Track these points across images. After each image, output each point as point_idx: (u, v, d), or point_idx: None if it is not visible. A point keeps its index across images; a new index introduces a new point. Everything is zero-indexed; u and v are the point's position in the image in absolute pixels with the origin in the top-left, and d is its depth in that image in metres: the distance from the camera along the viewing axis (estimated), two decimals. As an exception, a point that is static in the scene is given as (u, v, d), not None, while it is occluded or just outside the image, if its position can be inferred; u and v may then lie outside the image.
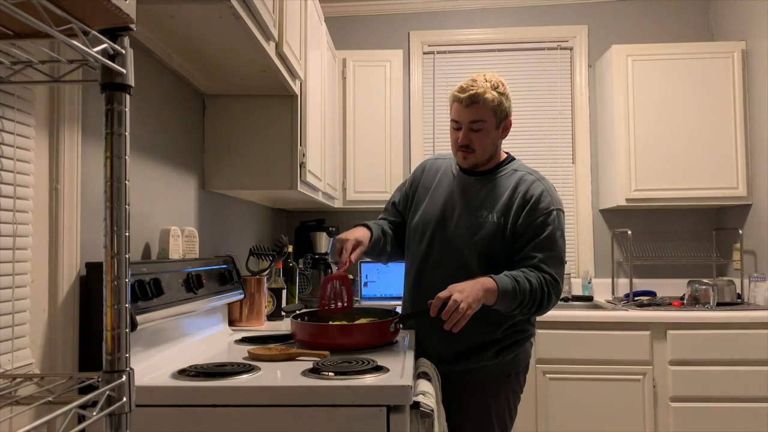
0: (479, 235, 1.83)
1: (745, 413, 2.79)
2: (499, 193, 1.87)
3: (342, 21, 3.77)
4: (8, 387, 0.87)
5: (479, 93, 1.82)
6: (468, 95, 1.83)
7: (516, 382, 1.92)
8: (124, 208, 0.80)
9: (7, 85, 1.09)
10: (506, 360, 1.86)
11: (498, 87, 1.85)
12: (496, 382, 1.87)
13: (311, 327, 1.72)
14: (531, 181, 1.88)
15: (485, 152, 1.89)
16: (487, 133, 1.86)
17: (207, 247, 2.20)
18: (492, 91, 1.83)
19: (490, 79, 1.86)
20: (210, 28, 1.56)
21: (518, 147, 3.73)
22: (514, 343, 1.88)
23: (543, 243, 1.81)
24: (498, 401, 1.87)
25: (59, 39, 0.67)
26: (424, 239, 1.93)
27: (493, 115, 1.84)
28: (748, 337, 2.81)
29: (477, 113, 1.83)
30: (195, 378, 1.29)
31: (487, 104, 1.82)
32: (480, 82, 1.84)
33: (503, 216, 1.84)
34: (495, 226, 1.83)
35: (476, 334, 1.81)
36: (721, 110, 3.26)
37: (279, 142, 2.20)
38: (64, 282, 1.27)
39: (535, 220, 1.82)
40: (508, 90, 1.89)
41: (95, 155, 1.41)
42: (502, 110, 1.86)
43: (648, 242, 3.58)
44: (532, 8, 3.75)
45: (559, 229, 1.85)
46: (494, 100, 1.82)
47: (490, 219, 1.84)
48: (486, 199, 1.88)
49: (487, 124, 1.85)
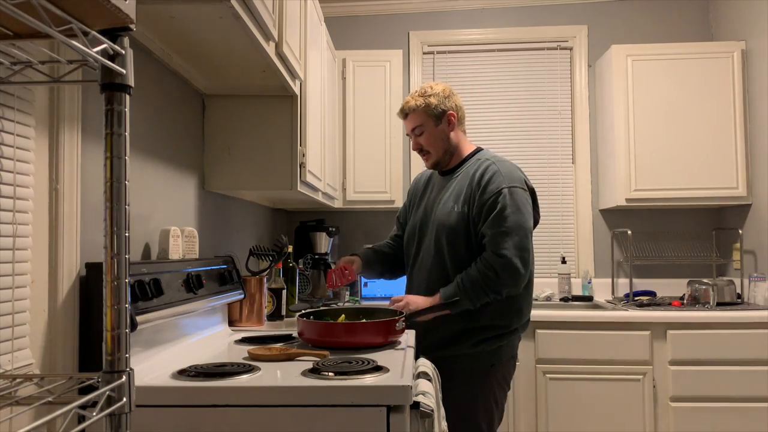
0: (449, 226, 1.98)
1: (745, 413, 2.79)
2: (463, 184, 2.02)
3: (342, 21, 3.77)
4: (8, 387, 0.87)
5: (406, 104, 2.08)
6: (400, 110, 2.11)
7: (500, 375, 1.99)
8: (124, 209, 0.80)
9: (7, 85, 1.09)
10: (487, 350, 1.96)
11: (425, 92, 2.07)
12: (479, 372, 1.96)
13: (319, 325, 1.74)
14: (487, 165, 2.01)
15: (438, 149, 2.08)
16: (430, 133, 2.06)
17: (207, 247, 2.20)
18: (417, 98, 2.06)
19: (420, 88, 2.11)
20: (210, 28, 1.56)
21: (518, 147, 3.73)
22: (495, 336, 1.97)
23: (493, 221, 1.92)
24: (483, 391, 1.96)
25: (59, 39, 0.67)
26: (414, 241, 2.12)
27: (426, 116, 2.05)
28: (748, 337, 2.81)
29: (412, 121, 2.07)
30: (195, 378, 1.29)
31: (415, 110, 2.05)
32: (409, 96, 2.11)
33: (466, 204, 1.98)
34: (459, 216, 1.98)
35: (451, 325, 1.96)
36: (721, 110, 3.26)
37: (279, 143, 2.20)
38: (64, 282, 1.27)
39: (486, 201, 1.94)
40: (441, 90, 2.08)
41: (95, 155, 1.40)
42: (433, 109, 2.05)
43: (648, 242, 3.58)
44: (532, 8, 3.75)
45: (510, 205, 1.92)
46: (420, 105, 2.05)
47: (455, 210, 1.99)
48: (453, 191, 2.04)
49: (426, 126, 2.06)
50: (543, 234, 3.62)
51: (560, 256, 3.57)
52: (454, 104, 2.08)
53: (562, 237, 3.70)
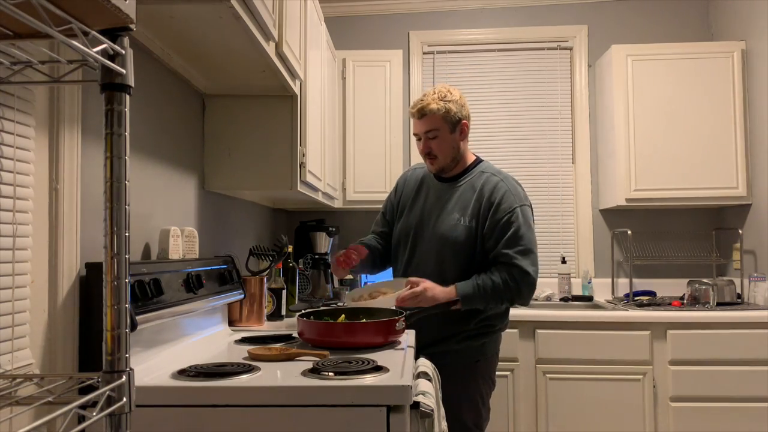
0: (454, 238, 2.01)
1: (745, 413, 2.79)
2: (469, 197, 2.05)
3: (342, 21, 3.77)
4: (8, 387, 0.87)
5: (426, 105, 2.03)
6: (417, 109, 2.06)
7: (485, 370, 2.05)
8: (124, 208, 0.80)
9: (7, 85, 1.09)
10: (473, 346, 2.02)
11: (445, 96, 2.04)
12: (465, 368, 2.01)
13: (319, 325, 1.74)
14: (495, 183, 2.04)
15: (447, 156, 2.08)
16: (443, 139, 2.05)
17: (207, 247, 2.20)
18: (438, 102, 2.03)
19: (438, 90, 2.07)
20: (210, 28, 1.56)
21: (518, 147, 3.73)
22: (479, 334, 2.03)
23: (510, 240, 1.96)
24: (468, 388, 2.00)
25: (59, 39, 0.67)
26: (407, 244, 2.12)
27: (444, 122, 2.04)
28: (748, 337, 2.81)
29: (428, 123, 2.04)
30: (195, 378, 1.29)
31: (435, 114, 2.03)
32: (428, 95, 2.07)
33: (474, 219, 2.02)
34: (467, 230, 2.01)
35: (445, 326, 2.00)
36: (720, 110, 3.26)
37: (279, 143, 2.20)
38: (64, 282, 1.27)
39: (500, 220, 1.98)
40: (458, 96, 2.07)
41: (95, 155, 1.40)
42: (452, 116, 2.04)
43: (648, 242, 3.58)
44: (532, 8, 3.75)
45: (524, 224, 1.99)
46: (440, 109, 2.03)
47: (462, 223, 2.02)
48: (457, 203, 2.06)
49: (441, 132, 2.05)
50: (543, 234, 3.62)
51: (560, 256, 3.57)
52: (468, 113, 2.10)
53: (562, 237, 3.70)
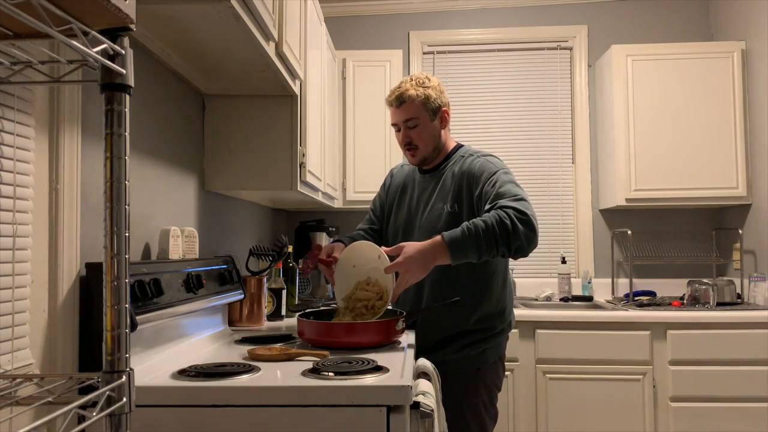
0: (438, 229, 1.85)
1: (745, 413, 2.79)
2: (449, 183, 1.95)
3: (342, 21, 3.77)
4: (8, 387, 0.87)
5: (404, 92, 1.93)
6: (395, 96, 1.94)
7: (487, 378, 1.93)
8: (124, 209, 0.80)
9: (7, 85, 1.09)
10: (471, 354, 1.90)
11: (423, 83, 1.94)
12: (465, 377, 1.90)
13: (319, 325, 1.74)
14: (471, 160, 1.94)
15: (428, 146, 1.98)
16: (424, 127, 1.95)
17: (207, 247, 2.20)
18: (417, 88, 1.93)
19: (416, 77, 1.97)
20: (210, 28, 1.56)
21: (518, 147, 3.73)
22: (479, 340, 1.91)
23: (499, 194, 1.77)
24: (470, 397, 1.90)
25: (59, 39, 0.67)
26: (398, 241, 2.01)
27: (423, 109, 1.94)
28: (748, 337, 2.81)
29: (407, 112, 1.93)
30: (195, 378, 1.29)
31: (413, 101, 1.92)
32: (405, 82, 1.96)
33: (455, 202, 1.91)
34: (450, 216, 1.90)
35: (445, 326, 1.90)
36: (720, 110, 3.26)
37: (279, 142, 2.20)
38: (64, 282, 1.27)
39: (484, 184, 1.85)
40: (437, 83, 1.97)
41: (95, 155, 1.40)
42: (432, 103, 1.94)
43: (648, 242, 3.58)
44: (531, 8, 3.75)
45: (510, 181, 1.82)
46: (419, 96, 1.92)
47: (445, 210, 1.92)
48: (440, 192, 1.96)
49: (421, 120, 1.94)
50: (543, 234, 3.60)
51: (560, 256, 3.57)
52: (448, 101, 2.00)
53: (562, 237, 3.70)
